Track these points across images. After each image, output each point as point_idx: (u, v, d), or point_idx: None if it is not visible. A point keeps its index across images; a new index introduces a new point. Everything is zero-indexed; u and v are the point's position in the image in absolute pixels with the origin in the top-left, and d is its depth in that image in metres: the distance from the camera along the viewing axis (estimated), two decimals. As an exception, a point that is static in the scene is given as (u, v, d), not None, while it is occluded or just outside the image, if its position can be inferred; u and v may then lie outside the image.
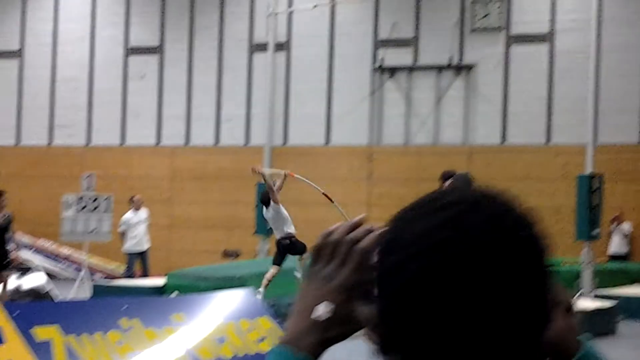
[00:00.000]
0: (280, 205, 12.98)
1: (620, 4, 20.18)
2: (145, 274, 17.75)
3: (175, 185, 23.13)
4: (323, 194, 14.06)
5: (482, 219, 1.09)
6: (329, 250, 1.26)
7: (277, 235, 13.98)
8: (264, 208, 13.21)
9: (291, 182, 22.17)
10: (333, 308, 1.19)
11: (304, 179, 14.47)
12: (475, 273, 1.05)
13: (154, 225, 19.25)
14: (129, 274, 17.75)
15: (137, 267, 18.05)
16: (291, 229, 13.51)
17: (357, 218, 1.28)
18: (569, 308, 1.33)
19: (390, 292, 1.09)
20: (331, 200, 13.51)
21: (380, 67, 21.71)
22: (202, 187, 22.81)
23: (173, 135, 23.32)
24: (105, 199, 17.43)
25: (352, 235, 1.25)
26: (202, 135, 23.09)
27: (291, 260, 13.90)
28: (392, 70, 21.79)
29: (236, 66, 22.89)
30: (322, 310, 1.20)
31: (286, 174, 13.65)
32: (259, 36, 22.26)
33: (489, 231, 1.08)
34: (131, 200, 17.98)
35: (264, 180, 13.16)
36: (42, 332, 5.94)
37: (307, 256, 12.95)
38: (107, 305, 7.13)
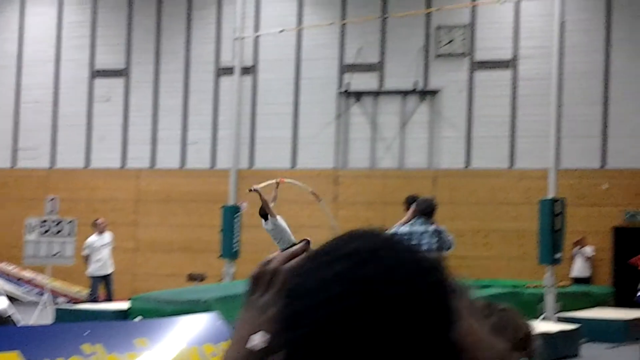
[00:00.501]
0: (278, 217, 12.91)
1: (582, 32, 20.53)
2: (109, 298, 17.60)
3: (141, 208, 23.00)
4: (311, 192, 14.02)
5: (377, 271, 1.05)
6: (266, 279, 1.24)
7: (280, 247, 13.83)
8: (263, 221, 13.15)
9: (257, 206, 22.14)
10: (269, 338, 1.17)
11: (295, 182, 14.45)
12: (369, 328, 1.02)
13: (118, 248, 19.12)
14: (93, 298, 17.59)
15: (100, 290, 17.90)
16: (292, 238, 13.41)
17: (297, 246, 1.24)
18: (526, 337, 1.34)
19: (287, 341, 1.06)
20: (319, 199, 13.46)
21: (346, 91, 21.85)
22: (168, 210, 22.72)
23: (138, 158, 23.22)
24: (69, 222, 17.28)
25: (290, 264, 1.23)
26: (168, 158, 23.02)
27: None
28: (358, 95, 21.93)
29: (202, 89, 22.91)
30: (258, 339, 1.18)
31: (277, 182, 13.64)
32: (226, 60, 22.31)
33: (383, 283, 1.04)
34: (94, 223, 17.85)
35: (260, 196, 13.11)
36: (2, 359, 5.87)
37: None
38: (70, 330, 7.06)
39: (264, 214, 12.80)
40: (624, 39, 20.41)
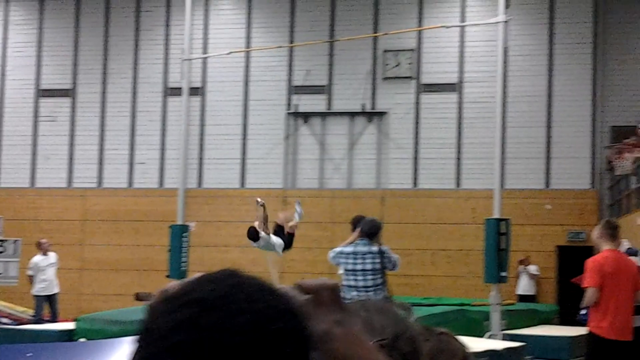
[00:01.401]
0: (271, 235, 12.76)
1: (525, 56, 20.99)
2: (54, 318, 17.38)
3: (87, 227, 22.80)
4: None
5: (222, 319, 1.03)
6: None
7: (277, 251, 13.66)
8: (252, 242, 12.99)
9: (207, 226, 22.15)
10: None
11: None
12: None
13: (64, 268, 18.91)
14: (38, 319, 17.36)
15: (45, 311, 17.67)
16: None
17: (195, 276, 1.25)
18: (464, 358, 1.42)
19: None
20: (261, 204, 13.32)
21: (294, 112, 21.98)
22: (115, 229, 22.55)
23: (85, 178, 23.04)
24: (14, 242, 17.07)
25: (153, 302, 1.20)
26: (115, 178, 22.88)
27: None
28: (306, 116, 22.08)
29: (150, 109, 22.85)
30: None
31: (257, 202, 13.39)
32: (174, 80, 22.31)
33: (227, 331, 1.03)
34: (38, 244, 17.65)
35: (263, 210, 13.03)
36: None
37: None
38: (12, 352, 6.99)
39: (254, 235, 12.60)
40: (565, 64, 20.92)
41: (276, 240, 12.64)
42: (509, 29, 13.93)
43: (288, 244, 13.02)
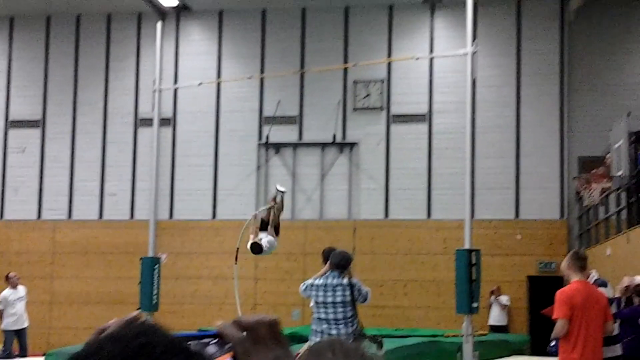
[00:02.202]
0: (267, 238, 12.99)
1: (493, 87, 21.22)
2: (23, 353, 17.15)
3: (57, 260, 22.58)
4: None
5: None
6: None
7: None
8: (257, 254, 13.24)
9: (178, 257, 22.02)
10: None
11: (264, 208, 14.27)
12: None
13: (33, 302, 18.69)
14: (7, 354, 17.11)
15: (15, 345, 17.43)
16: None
17: (131, 314, 1.25)
18: None
19: None
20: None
21: (265, 143, 21.99)
22: (85, 262, 22.36)
23: (55, 210, 22.84)
24: (-18, 275, 16.85)
25: None
26: (85, 210, 22.71)
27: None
28: (278, 147, 22.10)
29: (121, 140, 22.76)
30: None
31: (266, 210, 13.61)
32: (145, 111, 22.26)
33: None
34: (7, 277, 17.44)
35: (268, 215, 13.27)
36: None
37: None
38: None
39: (259, 250, 12.84)
40: (533, 95, 21.17)
41: (272, 241, 12.92)
42: (477, 61, 14.05)
43: (276, 232, 13.42)
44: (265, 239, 13.02)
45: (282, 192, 13.92)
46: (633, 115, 14.71)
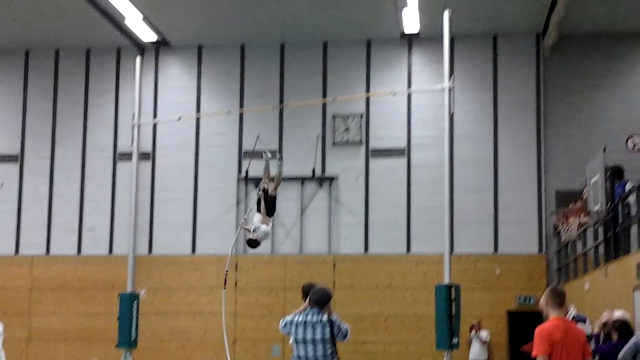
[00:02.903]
0: (260, 228, 12.93)
1: (471, 122, 21.38)
2: (-1, 391, 16.93)
3: (34, 296, 22.37)
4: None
5: None
6: None
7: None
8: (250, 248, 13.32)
9: (157, 293, 21.88)
10: None
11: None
12: None
13: (10, 338, 18.49)
14: (-18, 392, 16.89)
15: (-9, 384, 17.22)
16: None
17: None
18: None
19: None
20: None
21: (245, 177, 21.99)
22: (63, 297, 22.17)
23: (33, 245, 22.67)
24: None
25: None
26: (64, 245, 22.55)
27: None
28: (257, 181, 22.07)
29: (100, 175, 22.69)
30: None
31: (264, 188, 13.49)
32: (124, 145, 22.24)
33: None
34: (-16, 314, 17.27)
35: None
36: None
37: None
38: None
39: (255, 244, 12.93)
40: (510, 130, 21.35)
41: (266, 230, 12.90)
42: (454, 96, 14.16)
43: (272, 210, 13.25)
44: (260, 229, 12.98)
45: (269, 156, 13.87)
46: (609, 150, 14.83)
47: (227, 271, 14.31)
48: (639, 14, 20.03)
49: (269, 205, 13.11)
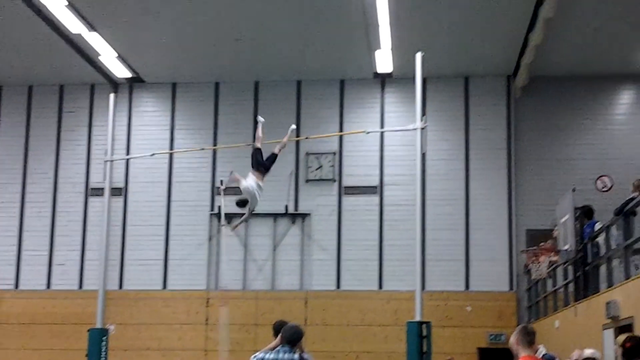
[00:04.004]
0: (251, 186, 13.92)
1: (443, 161, 21.59)
2: None
3: (2, 331, 22.11)
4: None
5: None
6: None
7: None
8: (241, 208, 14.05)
9: (127, 328, 21.70)
10: None
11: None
12: None
13: (-24, 375, 18.23)
14: None
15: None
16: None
17: None
18: None
19: None
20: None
21: (218, 213, 21.97)
22: (31, 333, 21.94)
23: (1, 279, 22.45)
24: None
25: None
26: (33, 280, 22.36)
27: None
28: (230, 217, 22.06)
29: (71, 210, 22.59)
30: None
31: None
32: (96, 180, 22.19)
33: None
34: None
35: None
36: None
37: None
38: None
39: (244, 203, 13.74)
40: (481, 169, 21.58)
41: (247, 184, 13.80)
42: (426, 135, 14.32)
43: (268, 167, 14.23)
44: (241, 182, 13.41)
45: (262, 120, 14.92)
46: (578, 190, 15.05)
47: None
48: (607, 57, 20.43)
49: (260, 162, 14.16)
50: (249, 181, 13.85)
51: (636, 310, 10.54)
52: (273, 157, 14.47)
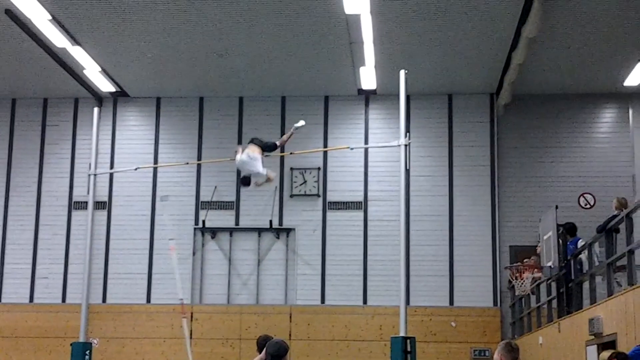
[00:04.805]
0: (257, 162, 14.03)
1: (427, 177, 21.70)
2: None
3: (-16, 346, 21.98)
4: None
5: None
6: None
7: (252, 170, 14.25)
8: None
9: (111, 342, 21.61)
10: None
11: None
12: None
13: (-42, 390, 18.10)
14: None
15: None
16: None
17: None
18: None
19: None
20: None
21: (202, 227, 21.97)
22: (13, 346, 21.82)
23: (-17, 293, 22.33)
24: None
25: None
26: (15, 293, 22.25)
27: None
28: (214, 231, 22.10)
29: (55, 223, 22.51)
30: None
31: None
32: (80, 194, 22.14)
33: None
34: None
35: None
36: None
37: None
38: None
39: (247, 182, 13.97)
40: (465, 185, 21.69)
41: (241, 157, 13.84)
42: (410, 152, 14.43)
43: (264, 146, 14.35)
44: (238, 155, 13.87)
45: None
46: (561, 207, 15.18)
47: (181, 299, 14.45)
48: (589, 76, 20.63)
49: (262, 141, 14.38)
50: (243, 155, 14.03)
51: (619, 327, 10.64)
52: (272, 145, 14.65)
